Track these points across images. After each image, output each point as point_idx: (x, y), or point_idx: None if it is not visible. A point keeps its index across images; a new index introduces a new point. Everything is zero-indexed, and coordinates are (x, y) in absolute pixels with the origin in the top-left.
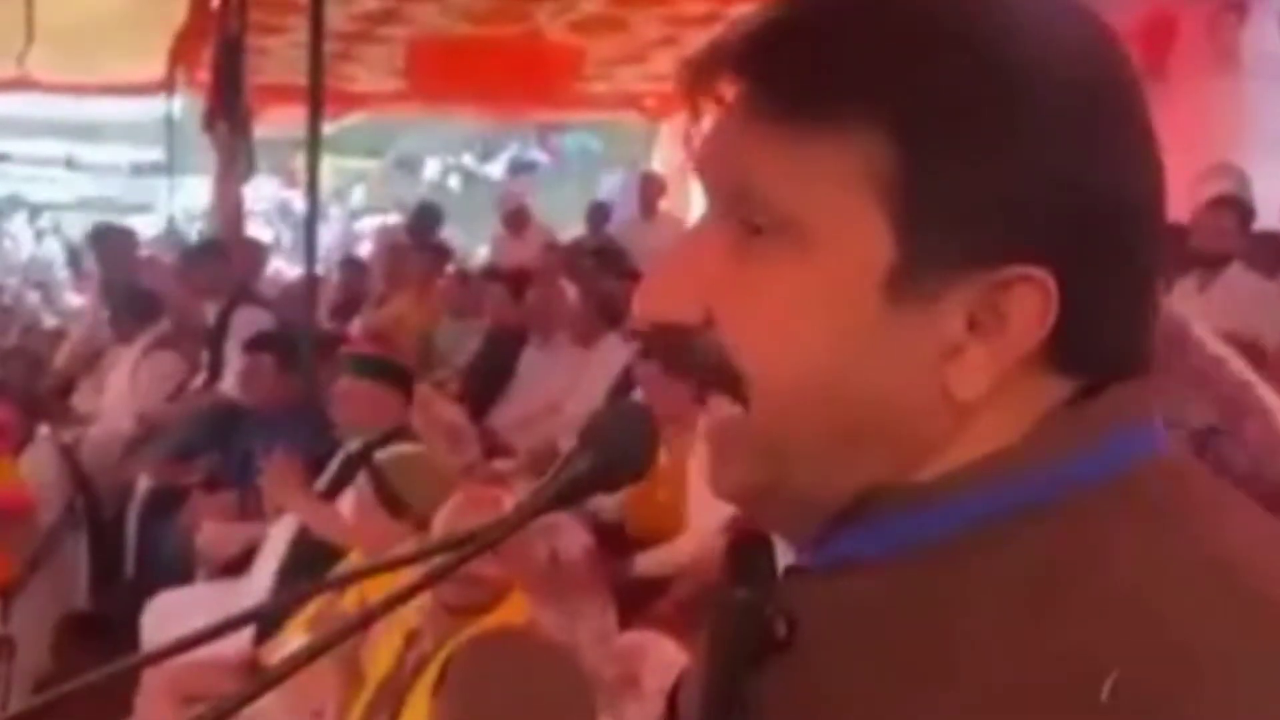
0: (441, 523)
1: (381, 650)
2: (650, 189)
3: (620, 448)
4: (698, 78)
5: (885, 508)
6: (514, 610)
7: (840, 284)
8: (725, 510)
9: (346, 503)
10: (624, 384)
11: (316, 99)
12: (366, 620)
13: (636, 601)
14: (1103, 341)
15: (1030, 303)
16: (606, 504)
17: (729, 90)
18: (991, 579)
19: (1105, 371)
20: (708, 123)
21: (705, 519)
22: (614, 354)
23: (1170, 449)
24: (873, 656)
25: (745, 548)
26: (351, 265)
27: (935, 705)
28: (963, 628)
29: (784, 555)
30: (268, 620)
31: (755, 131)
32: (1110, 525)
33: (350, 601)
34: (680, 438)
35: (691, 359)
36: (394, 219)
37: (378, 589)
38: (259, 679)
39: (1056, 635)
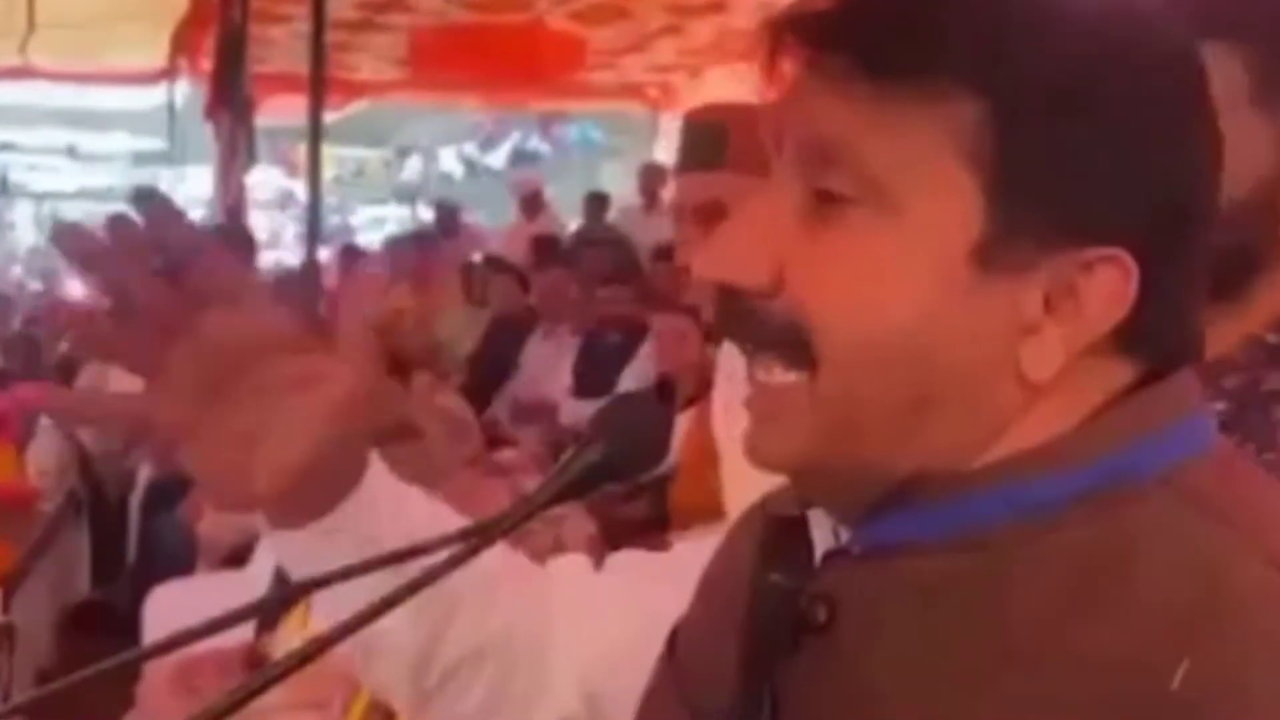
0: None
1: None
2: (652, 180)
3: (633, 438)
4: (782, 40)
5: (934, 493)
6: None
7: (926, 251)
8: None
9: None
10: (590, 367)
11: (318, 88)
12: (373, 615)
13: None
14: (1171, 330)
15: (1110, 285)
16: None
17: (820, 54)
18: (1040, 569)
19: (1167, 359)
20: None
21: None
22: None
23: (1220, 441)
24: (916, 643)
25: (781, 531)
26: (350, 254)
27: (980, 696)
28: (1010, 617)
29: (819, 540)
30: (270, 612)
31: (845, 96)
32: (1163, 522)
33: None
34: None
35: (758, 323)
36: (393, 209)
37: None
38: (262, 674)
39: (1110, 630)
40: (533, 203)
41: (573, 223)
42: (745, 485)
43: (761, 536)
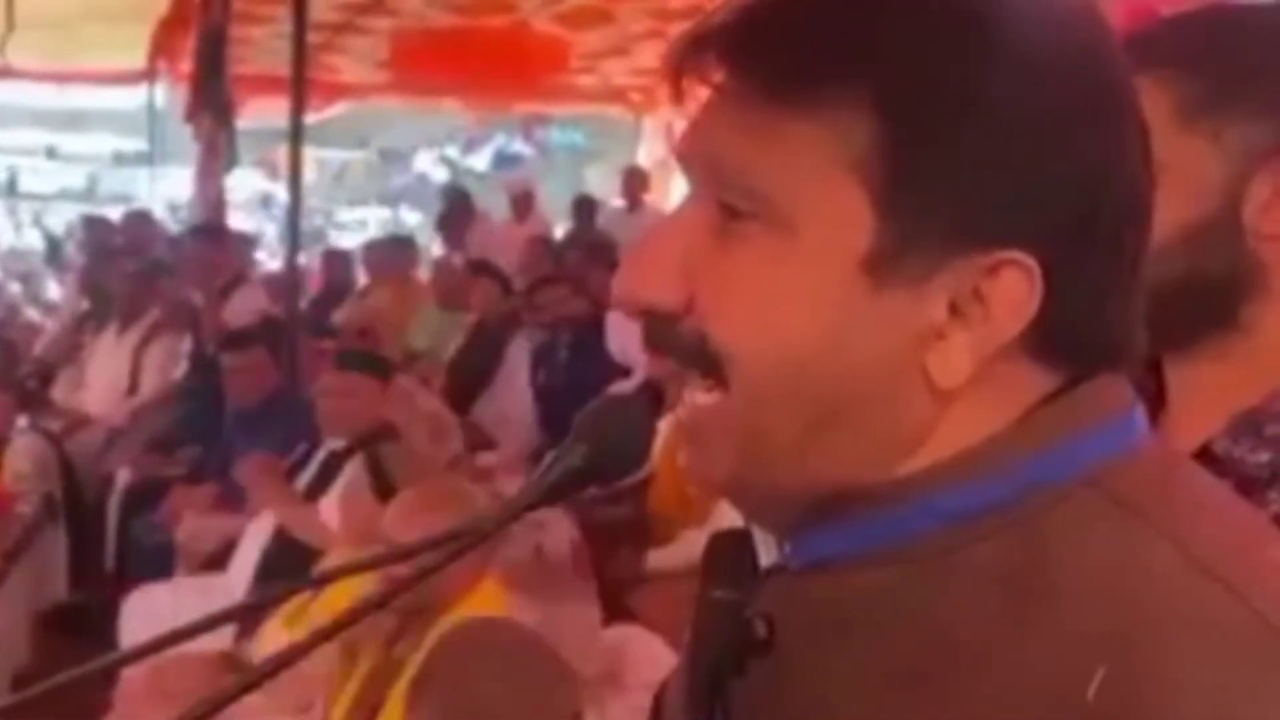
0: (391, 518)
1: (368, 644)
2: (634, 182)
3: (615, 441)
4: (680, 64)
5: (862, 506)
6: (483, 603)
7: (819, 266)
8: None
9: (329, 502)
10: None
11: (300, 90)
12: (356, 616)
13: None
14: (1087, 333)
15: (1014, 289)
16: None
17: (713, 76)
18: (970, 578)
19: (1090, 364)
20: (687, 112)
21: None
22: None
23: (1152, 443)
24: (852, 658)
25: (724, 546)
26: (334, 257)
27: (917, 707)
28: (942, 627)
29: (766, 554)
30: (248, 616)
31: (735, 115)
32: (1088, 525)
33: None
34: None
35: (673, 342)
36: (374, 211)
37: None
38: (245, 677)
39: (1038, 637)
40: (524, 203)
41: (556, 225)
42: None
43: (705, 553)
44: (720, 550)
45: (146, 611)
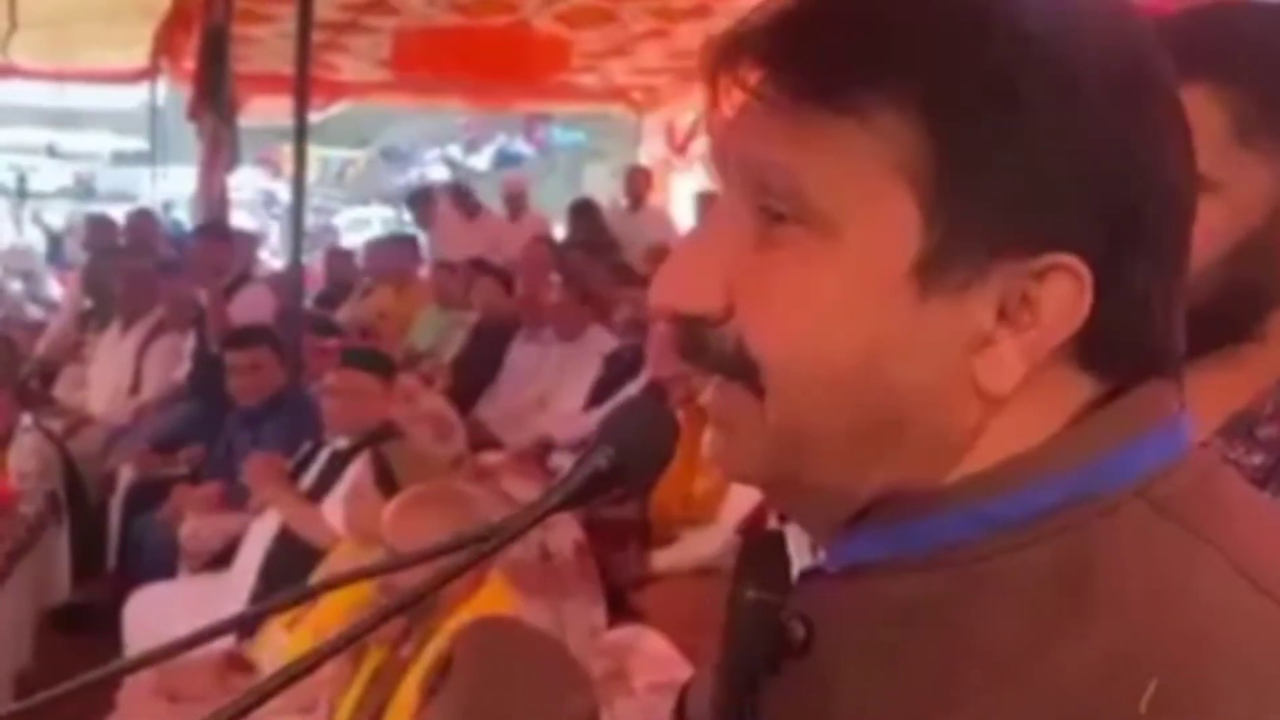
0: (389, 520)
1: (374, 644)
2: (638, 182)
3: (640, 444)
4: (720, 61)
5: (906, 510)
6: (489, 602)
7: (866, 274)
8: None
9: (333, 501)
10: (608, 376)
11: (303, 89)
12: (377, 621)
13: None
14: (1133, 337)
15: (1063, 293)
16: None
17: (749, 80)
18: (1015, 585)
19: (1136, 371)
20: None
21: (741, 514)
22: (599, 346)
23: (1197, 449)
24: (893, 663)
25: (757, 546)
26: (337, 256)
27: (953, 717)
28: (980, 638)
29: (798, 557)
30: (256, 620)
31: (775, 119)
32: (1133, 537)
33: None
34: None
35: (710, 350)
36: (377, 210)
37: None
38: (264, 683)
39: (1079, 650)
40: (518, 203)
41: (556, 225)
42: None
43: (739, 553)
44: (754, 551)
45: (150, 611)
